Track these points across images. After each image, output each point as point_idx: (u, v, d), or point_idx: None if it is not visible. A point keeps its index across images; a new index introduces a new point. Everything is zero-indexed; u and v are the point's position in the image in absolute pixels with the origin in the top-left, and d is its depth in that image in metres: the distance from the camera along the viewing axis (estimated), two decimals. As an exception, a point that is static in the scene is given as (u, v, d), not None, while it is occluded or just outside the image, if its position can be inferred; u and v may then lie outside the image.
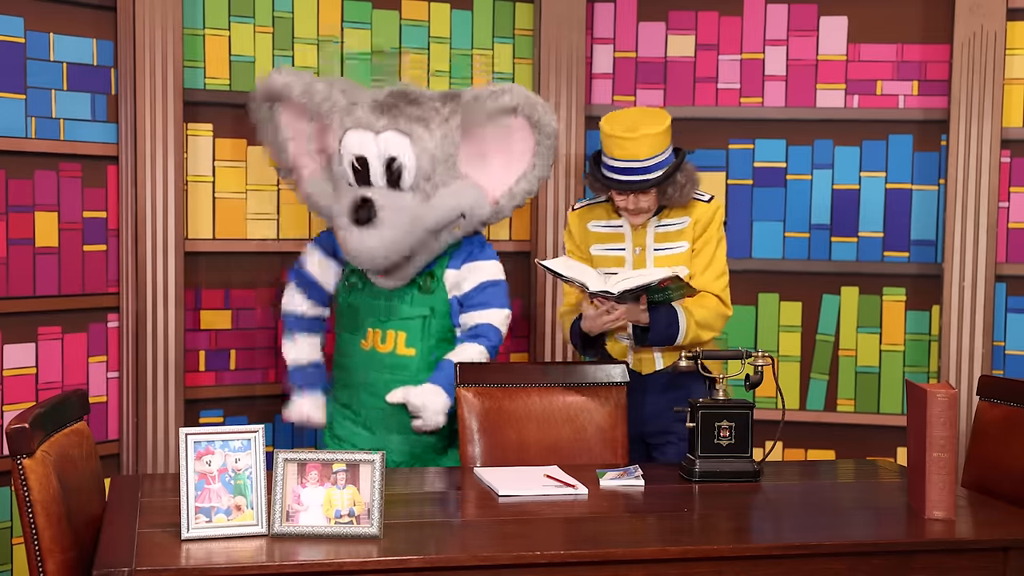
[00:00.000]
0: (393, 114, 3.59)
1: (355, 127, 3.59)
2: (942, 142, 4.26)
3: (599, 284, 3.42)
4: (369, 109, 3.61)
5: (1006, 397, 3.32)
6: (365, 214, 3.54)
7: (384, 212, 3.53)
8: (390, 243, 3.54)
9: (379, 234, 3.54)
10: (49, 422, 2.76)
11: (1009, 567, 2.78)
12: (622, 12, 4.39)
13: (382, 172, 3.58)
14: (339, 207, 3.61)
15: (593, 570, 2.61)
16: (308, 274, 3.81)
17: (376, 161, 3.58)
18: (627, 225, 3.68)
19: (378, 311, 3.69)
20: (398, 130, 3.57)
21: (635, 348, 3.67)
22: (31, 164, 3.72)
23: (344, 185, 3.62)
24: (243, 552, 2.55)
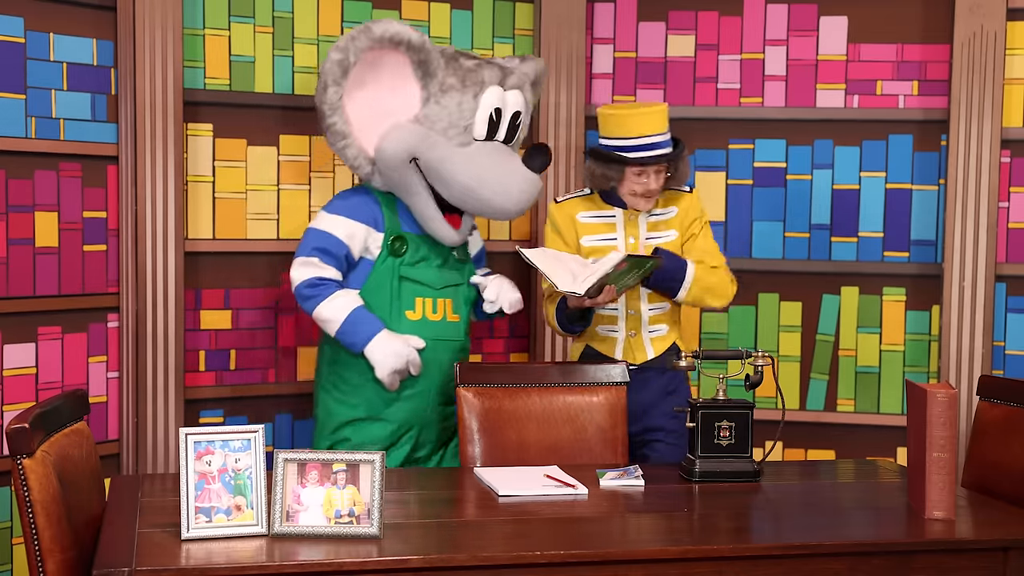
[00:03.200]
0: (496, 70, 3.69)
1: (493, 83, 3.65)
2: (942, 142, 4.26)
3: (568, 285, 3.48)
4: (484, 64, 3.68)
5: (1006, 397, 3.32)
6: (546, 160, 3.68)
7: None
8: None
9: (538, 180, 3.69)
10: (49, 422, 2.76)
11: (1009, 567, 2.78)
12: (622, 12, 4.39)
13: (507, 126, 3.69)
14: (491, 155, 3.63)
15: (593, 570, 2.61)
16: (338, 241, 3.63)
17: (507, 115, 3.68)
18: (620, 215, 3.71)
19: (430, 280, 3.69)
20: (518, 88, 3.72)
21: (631, 334, 3.70)
22: (31, 164, 3.72)
23: (457, 136, 3.63)
24: (243, 552, 2.55)
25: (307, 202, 4.13)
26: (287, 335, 4.13)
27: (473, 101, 3.63)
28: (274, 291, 4.10)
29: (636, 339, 3.72)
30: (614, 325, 3.72)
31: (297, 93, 4.09)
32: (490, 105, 3.65)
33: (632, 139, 3.63)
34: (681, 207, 3.76)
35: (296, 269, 3.63)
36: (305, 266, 3.62)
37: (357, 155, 3.65)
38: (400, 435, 3.70)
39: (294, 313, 4.12)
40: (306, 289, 3.61)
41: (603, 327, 3.73)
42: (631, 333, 3.72)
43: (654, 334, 3.73)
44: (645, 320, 3.72)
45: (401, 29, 3.58)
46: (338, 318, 3.58)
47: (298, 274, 3.62)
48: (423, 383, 3.69)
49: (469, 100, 3.63)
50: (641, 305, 3.71)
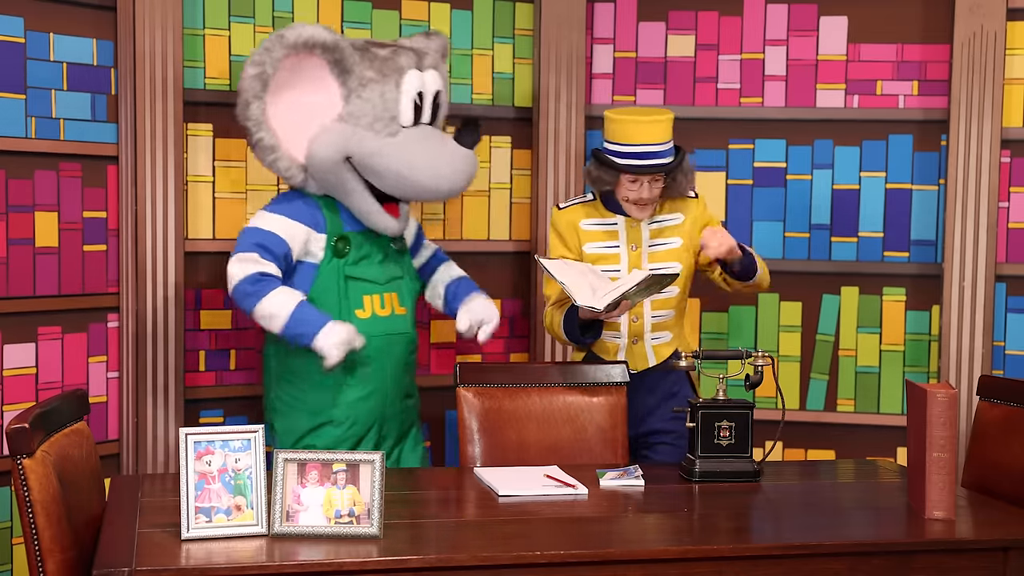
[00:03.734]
0: (411, 55, 3.68)
1: (411, 67, 3.65)
2: (942, 142, 4.26)
3: (587, 299, 3.44)
4: (399, 50, 3.67)
5: (1006, 397, 3.32)
6: (477, 136, 3.67)
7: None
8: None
9: (471, 157, 3.68)
10: (49, 422, 2.76)
11: (1009, 567, 2.78)
12: (622, 12, 4.39)
13: (430, 107, 3.69)
14: (421, 141, 3.62)
15: (593, 570, 2.62)
16: (278, 239, 3.55)
17: (429, 97, 3.68)
18: (621, 222, 3.69)
19: (375, 276, 3.67)
20: (433, 68, 3.71)
21: (633, 341, 3.69)
22: (31, 164, 3.72)
23: (384, 128, 3.61)
24: (243, 552, 2.55)
25: (307, 202, 4.12)
26: (287, 335, 4.13)
27: (395, 90, 3.61)
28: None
29: (638, 346, 3.71)
30: (616, 331, 3.71)
31: (297, 93, 4.08)
32: (412, 90, 3.64)
33: (629, 145, 3.59)
34: (689, 215, 3.72)
35: (235, 265, 3.52)
36: (244, 262, 3.51)
37: (289, 166, 3.60)
38: (363, 434, 3.67)
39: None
40: (248, 286, 3.49)
41: (606, 334, 3.71)
42: (633, 340, 3.70)
43: (656, 341, 3.72)
44: (648, 327, 3.70)
45: (314, 32, 3.56)
46: (284, 312, 3.48)
47: (237, 270, 3.51)
48: (379, 380, 3.66)
49: (391, 89, 3.61)
50: (644, 312, 3.69)
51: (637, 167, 3.59)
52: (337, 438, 3.64)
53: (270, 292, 3.50)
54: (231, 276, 3.53)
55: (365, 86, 3.59)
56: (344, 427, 3.64)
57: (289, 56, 3.55)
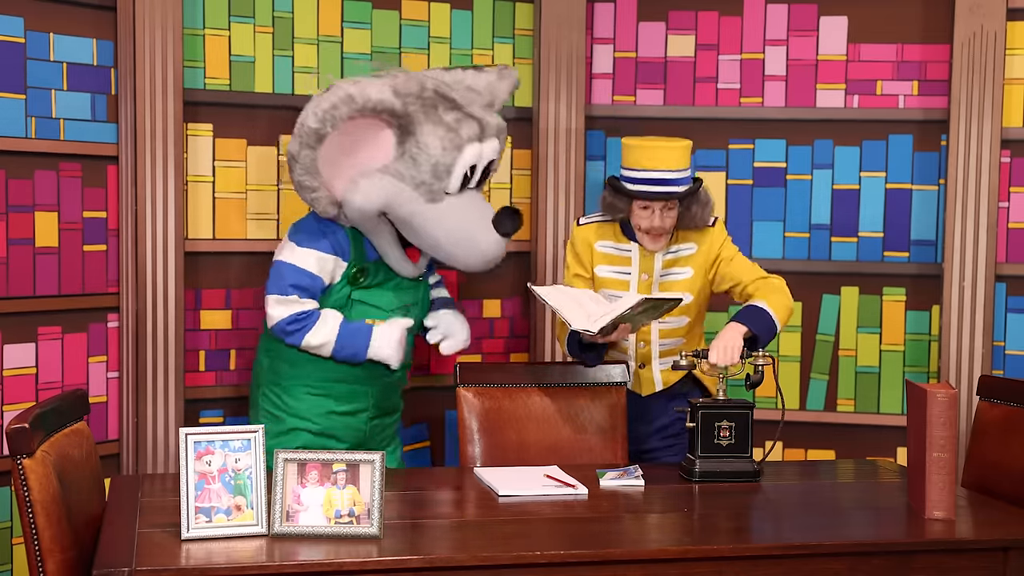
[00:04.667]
0: (475, 126, 3.61)
1: (472, 141, 3.57)
2: (942, 142, 4.26)
3: (580, 323, 3.42)
4: (465, 117, 3.58)
5: (1006, 397, 3.32)
6: (516, 226, 3.61)
7: None
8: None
9: (505, 242, 3.65)
10: (49, 422, 2.76)
11: (1009, 567, 2.78)
12: (622, 12, 4.39)
13: (480, 174, 3.63)
14: (464, 213, 3.57)
15: (593, 570, 2.62)
16: (314, 277, 3.58)
17: (481, 167, 3.62)
18: (636, 250, 3.66)
19: (382, 303, 3.66)
20: (495, 137, 3.65)
21: (640, 366, 3.68)
22: (31, 164, 3.72)
23: (428, 192, 3.55)
24: (243, 552, 2.55)
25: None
26: (287, 335, 4.13)
27: (450, 162, 3.54)
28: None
29: (645, 371, 3.69)
30: (623, 353, 3.70)
31: (297, 93, 4.09)
32: (466, 164, 3.57)
33: (641, 171, 3.56)
34: (702, 244, 3.67)
35: (274, 307, 3.56)
36: (284, 304, 3.56)
37: (326, 204, 3.55)
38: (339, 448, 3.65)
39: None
40: (288, 325, 3.55)
41: (613, 354, 3.70)
42: (640, 365, 3.69)
43: (664, 367, 3.70)
44: (656, 353, 3.69)
45: (383, 97, 3.47)
46: (331, 339, 3.56)
47: (277, 312, 3.56)
48: (365, 400, 3.68)
49: (446, 161, 3.53)
50: (652, 338, 3.68)
51: (647, 193, 3.54)
52: (309, 443, 3.62)
53: (312, 327, 3.55)
54: (271, 317, 3.57)
55: (422, 150, 3.52)
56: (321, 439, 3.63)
57: (355, 118, 3.48)
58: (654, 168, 3.55)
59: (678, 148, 3.58)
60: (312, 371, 3.62)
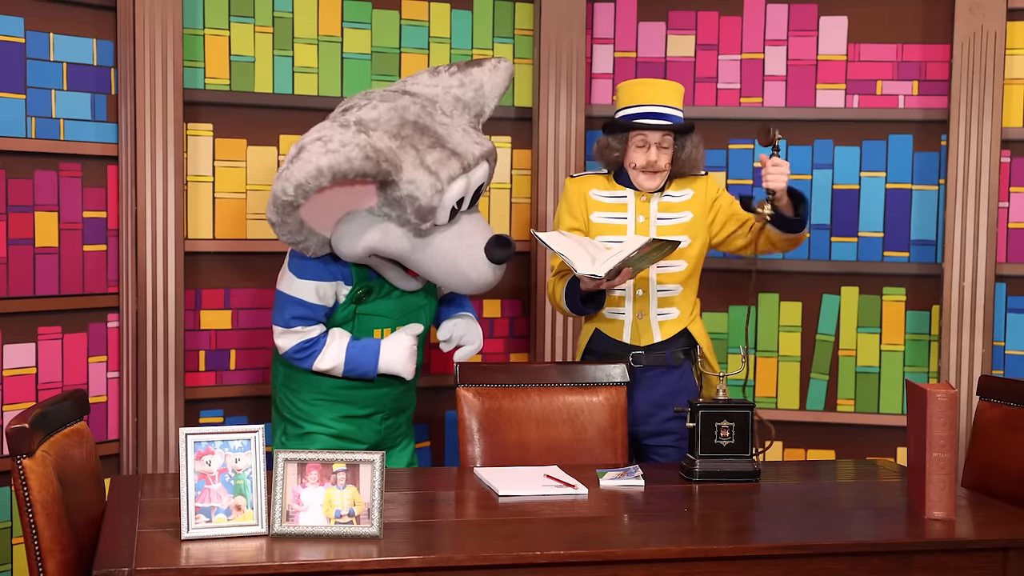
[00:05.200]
0: (455, 154, 3.50)
1: (457, 176, 3.47)
2: (942, 142, 4.26)
3: (587, 267, 3.42)
4: (448, 156, 3.47)
5: (1006, 397, 3.32)
6: (508, 255, 3.55)
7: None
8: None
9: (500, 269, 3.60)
10: (49, 422, 2.76)
11: (1009, 567, 2.78)
12: (622, 12, 4.39)
13: (471, 198, 3.56)
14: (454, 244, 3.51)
15: (593, 570, 2.61)
16: (315, 307, 3.54)
17: (471, 193, 3.54)
18: (631, 195, 3.70)
19: (388, 312, 3.65)
20: (483, 159, 3.55)
21: (639, 315, 3.68)
22: (31, 164, 3.72)
23: (416, 227, 3.47)
24: (243, 552, 2.55)
25: (307, 202, 4.12)
26: (287, 335, 4.13)
27: (438, 201, 3.44)
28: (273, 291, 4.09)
29: (643, 321, 3.70)
30: (620, 307, 3.70)
31: (297, 93, 4.09)
32: (452, 200, 3.48)
33: (638, 107, 3.63)
34: (697, 189, 3.72)
35: (280, 338, 3.57)
36: (288, 335, 3.55)
37: (318, 247, 3.48)
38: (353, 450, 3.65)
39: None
40: (297, 354, 3.56)
41: (609, 309, 3.70)
42: (639, 315, 3.70)
43: (662, 317, 3.70)
44: (653, 302, 3.70)
45: (354, 167, 3.30)
46: (339, 362, 3.56)
47: (284, 342, 3.56)
48: (377, 405, 3.68)
49: (431, 204, 3.44)
50: (649, 286, 3.69)
51: (644, 124, 3.60)
52: (328, 446, 3.62)
53: (319, 352, 3.55)
54: (279, 347, 3.58)
55: (404, 196, 3.42)
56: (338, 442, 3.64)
57: (324, 189, 3.33)
58: (650, 103, 3.62)
59: (672, 86, 3.66)
60: (326, 379, 3.63)
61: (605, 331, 3.73)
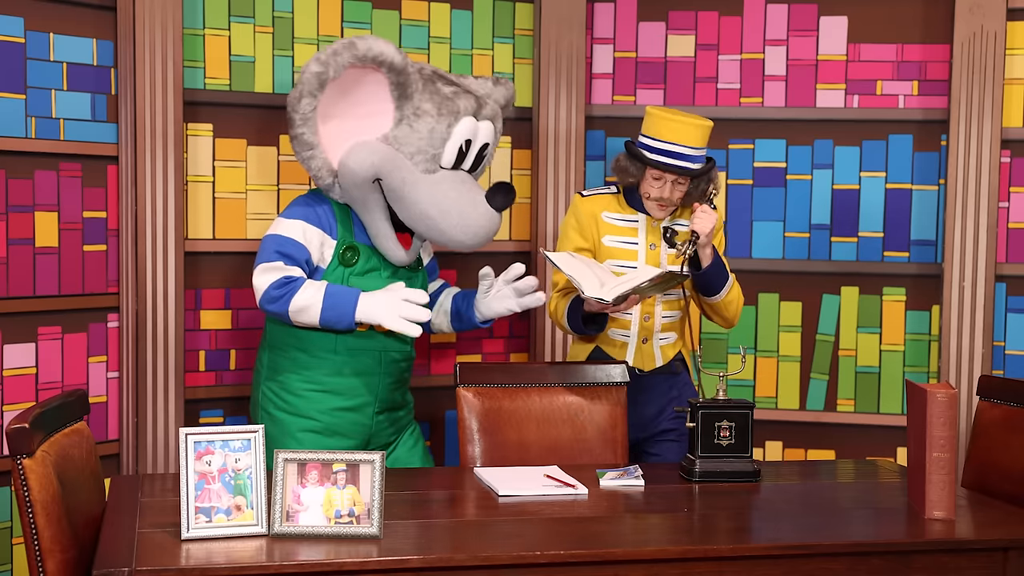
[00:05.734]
0: (472, 100, 3.65)
1: (468, 113, 3.61)
2: (942, 142, 4.26)
3: (594, 290, 3.43)
4: (461, 92, 3.63)
5: (1006, 397, 3.32)
6: (509, 199, 3.60)
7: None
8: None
9: (498, 217, 3.64)
10: (49, 422, 2.76)
11: (1009, 567, 2.78)
12: (622, 12, 4.39)
13: (474, 157, 3.66)
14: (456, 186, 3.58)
15: (593, 570, 2.62)
16: (299, 245, 3.55)
17: (476, 147, 3.65)
18: (642, 220, 3.70)
19: (383, 287, 3.61)
20: (490, 120, 3.68)
21: (643, 340, 3.69)
22: (31, 164, 3.72)
23: (423, 163, 3.58)
24: (243, 552, 2.55)
25: (307, 202, 4.13)
26: (287, 335, 4.13)
27: (446, 130, 3.57)
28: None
29: (647, 346, 3.71)
30: (626, 330, 3.71)
31: (297, 93, 4.09)
32: (461, 136, 3.60)
33: (661, 142, 3.60)
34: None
35: (260, 276, 3.51)
36: (269, 271, 3.51)
37: (321, 167, 3.57)
38: (346, 446, 3.62)
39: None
40: (275, 291, 3.49)
41: (615, 331, 3.71)
42: (643, 340, 3.70)
43: (663, 342, 3.72)
44: (658, 327, 3.71)
45: (385, 49, 3.52)
46: (316, 300, 3.48)
47: (263, 280, 3.51)
48: (368, 394, 3.65)
49: (442, 129, 3.57)
50: (656, 311, 3.70)
51: (664, 164, 3.59)
52: (322, 447, 3.59)
53: (298, 290, 3.49)
54: (257, 288, 3.51)
55: (419, 117, 3.56)
56: (325, 436, 3.61)
57: (355, 66, 3.52)
58: (674, 141, 3.60)
59: (701, 127, 3.62)
60: (312, 366, 3.61)
61: (607, 351, 3.73)
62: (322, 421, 3.62)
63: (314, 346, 3.61)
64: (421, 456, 3.79)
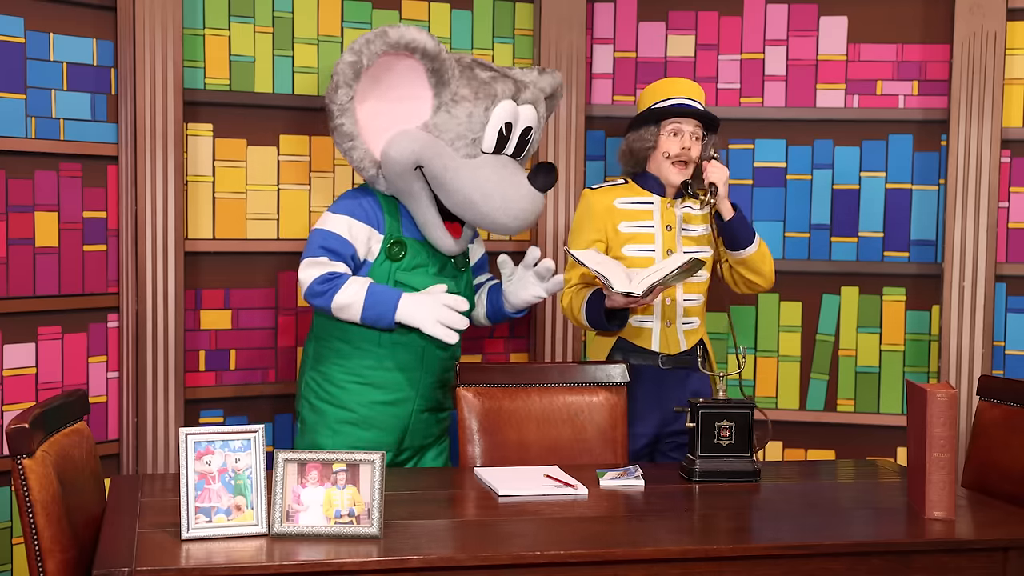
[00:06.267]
0: (510, 84, 3.66)
1: (506, 97, 3.62)
2: (942, 142, 4.26)
3: (624, 285, 3.44)
4: (499, 77, 3.65)
5: (1006, 397, 3.32)
6: (551, 179, 3.62)
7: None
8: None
9: (542, 199, 3.66)
10: (49, 422, 2.76)
11: (1009, 567, 2.78)
12: (622, 12, 4.39)
13: (516, 140, 3.67)
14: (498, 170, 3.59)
15: (593, 570, 2.62)
16: (344, 241, 3.56)
17: (517, 130, 3.66)
18: (657, 202, 3.71)
19: (425, 286, 3.61)
20: (531, 103, 3.69)
21: (667, 324, 3.69)
22: (31, 164, 3.72)
23: (464, 148, 3.59)
24: (243, 552, 2.55)
25: (307, 202, 4.13)
26: (287, 335, 4.13)
27: (484, 114, 3.58)
28: (274, 291, 4.10)
29: (671, 329, 3.71)
30: (648, 315, 3.71)
31: (297, 93, 4.09)
32: (500, 119, 3.61)
33: (670, 99, 3.69)
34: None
35: (305, 270, 3.54)
36: (314, 266, 3.53)
37: (363, 157, 3.59)
38: (383, 440, 3.64)
39: (294, 313, 4.12)
40: (319, 286, 3.51)
41: (637, 318, 3.70)
42: (667, 323, 3.71)
43: (687, 326, 3.73)
44: (680, 311, 3.71)
45: (418, 36, 3.53)
46: (359, 298, 3.50)
47: (308, 274, 3.53)
48: (409, 389, 3.65)
49: (480, 113, 3.58)
50: (677, 295, 3.70)
51: (684, 108, 3.65)
52: (358, 439, 3.62)
53: (342, 286, 3.51)
54: (302, 281, 3.54)
55: (457, 103, 3.57)
56: (362, 428, 3.62)
57: (388, 54, 3.53)
58: (681, 95, 3.70)
59: (698, 86, 3.76)
60: (355, 358, 3.61)
61: (631, 339, 3.72)
62: (360, 413, 3.62)
63: (358, 338, 3.62)
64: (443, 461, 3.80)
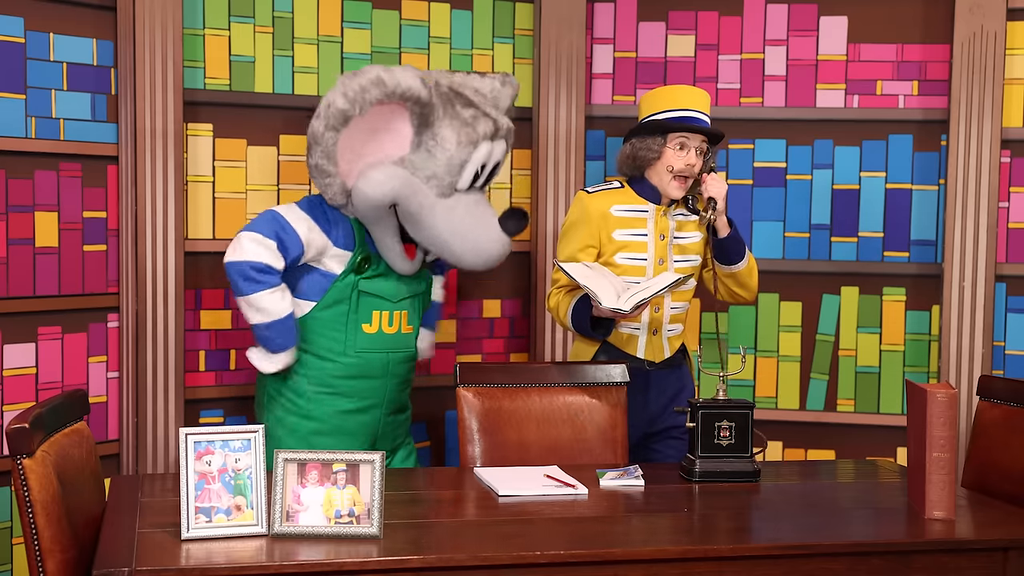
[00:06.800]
0: (490, 125, 3.68)
1: (486, 138, 3.64)
2: (942, 142, 4.26)
3: (612, 301, 3.44)
4: (480, 116, 3.64)
5: (1006, 397, 3.32)
6: (521, 226, 3.68)
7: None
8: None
9: (509, 241, 3.72)
10: (49, 422, 2.76)
11: (1009, 567, 2.78)
12: (622, 12, 4.39)
13: (487, 175, 3.71)
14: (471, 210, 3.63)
15: (593, 570, 2.61)
16: (297, 240, 3.56)
17: (489, 167, 3.70)
18: (651, 210, 3.71)
19: (388, 293, 3.67)
20: (504, 139, 3.73)
21: (653, 332, 3.70)
22: (31, 164, 3.72)
23: (438, 187, 3.60)
24: (243, 552, 2.55)
25: (307, 202, 4.13)
26: (287, 335, 4.13)
27: (465, 158, 3.61)
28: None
29: (657, 337, 3.72)
30: (636, 324, 3.71)
31: (297, 93, 4.09)
32: (479, 162, 3.64)
33: (680, 110, 3.67)
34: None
35: (250, 243, 3.50)
36: (261, 245, 3.50)
37: (337, 192, 3.58)
38: (352, 448, 3.65)
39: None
40: (253, 270, 3.49)
41: (625, 325, 3.71)
42: (653, 331, 3.72)
43: (671, 333, 3.75)
44: (666, 318, 3.72)
45: (413, 84, 3.51)
46: (276, 312, 3.53)
47: (250, 251, 3.49)
48: (376, 396, 3.69)
49: (461, 156, 3.60)
50: (664, 303, 3.71)
51: (694, 123, 3.63)
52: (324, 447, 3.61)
53: (274, 287, 3.52)
54: (242, 249, 3.50)
55: (438, 144, 3.59)
56: (331, 438, 3.63)
57: (382, 103, 3.53)
58: (688, 107, 3.67)
59: (705, 94, 3.73)
60: (320, 368, 3.63)
61: (617, 345, 3.73)
62: (330, 423, 3.63)
63: (323, 349, 3.62)
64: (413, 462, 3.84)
